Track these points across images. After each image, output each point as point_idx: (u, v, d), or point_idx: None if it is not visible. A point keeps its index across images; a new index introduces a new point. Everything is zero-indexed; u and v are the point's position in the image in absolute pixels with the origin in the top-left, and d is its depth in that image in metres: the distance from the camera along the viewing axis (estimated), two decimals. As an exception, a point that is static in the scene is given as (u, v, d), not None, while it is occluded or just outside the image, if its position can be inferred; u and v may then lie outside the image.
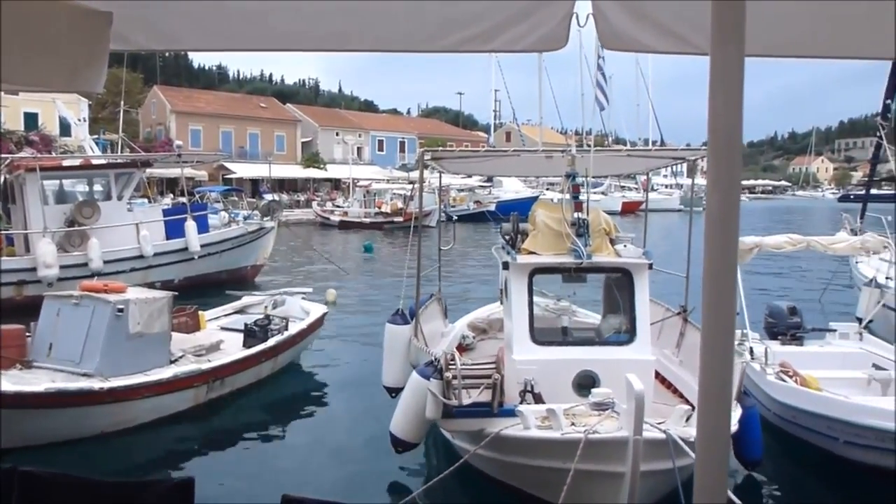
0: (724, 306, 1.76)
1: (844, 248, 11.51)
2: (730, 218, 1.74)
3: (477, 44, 2.64)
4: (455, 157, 9.85)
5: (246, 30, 2.69)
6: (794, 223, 54.71)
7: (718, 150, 1.73)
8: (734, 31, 1.71)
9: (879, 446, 7.33)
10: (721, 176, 1.73)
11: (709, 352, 1.76)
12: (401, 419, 7.13)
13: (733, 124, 1.72)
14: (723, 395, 1.76)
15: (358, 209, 50.17)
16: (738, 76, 1.72)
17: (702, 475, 1.79)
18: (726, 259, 1.76)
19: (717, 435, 1.81)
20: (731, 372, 1.78)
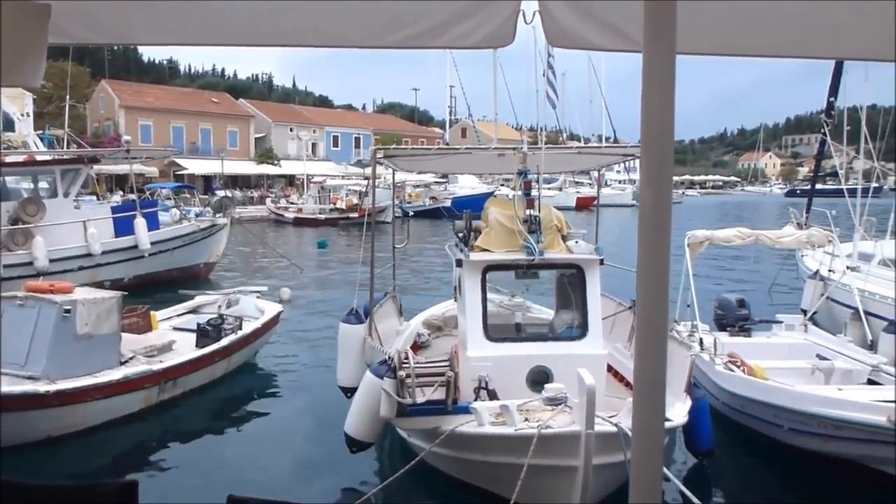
0: (657, 300, 1.79)
1: (791, 241, 11.84)
2: (662, 213, 1.77)
3: (424, 40, 2.65)
4: (408, 155, 9.86)
5: (190, 24, 2.65)
6: (744, 217, 55.84)
7: (651, 147, 1.76)
8: (666, 30, 1.74)
9: (821, 433, 7.56)
10: (654, 172, 1.76)
11: (643, 344, 1.80)
12: (355, 419, 7.10)
13: (666, 122, 1.75)
14: (656, 385, 1.79)
15: (312, 205, 49.74)
16: (670, 74, 1.75)
17: (638, 466, 1.82)
18: (659, 254, 1.79)
19: (652, 426, 1.84)
20: (664, 364, 1.82)
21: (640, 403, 1.84)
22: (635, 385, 1.83)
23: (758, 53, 3.20)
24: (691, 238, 11.07)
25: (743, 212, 65.98)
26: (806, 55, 3.27)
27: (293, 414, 10.30)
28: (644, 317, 1.79)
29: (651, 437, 1.86)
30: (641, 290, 1.77)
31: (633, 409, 1.85)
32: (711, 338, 9.75)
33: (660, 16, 1.74)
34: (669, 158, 1.77)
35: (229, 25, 2.67)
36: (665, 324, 1.83)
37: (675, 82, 1.77)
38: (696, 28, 2.99)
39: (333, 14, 2.65)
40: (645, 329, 1.79)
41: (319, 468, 8.17)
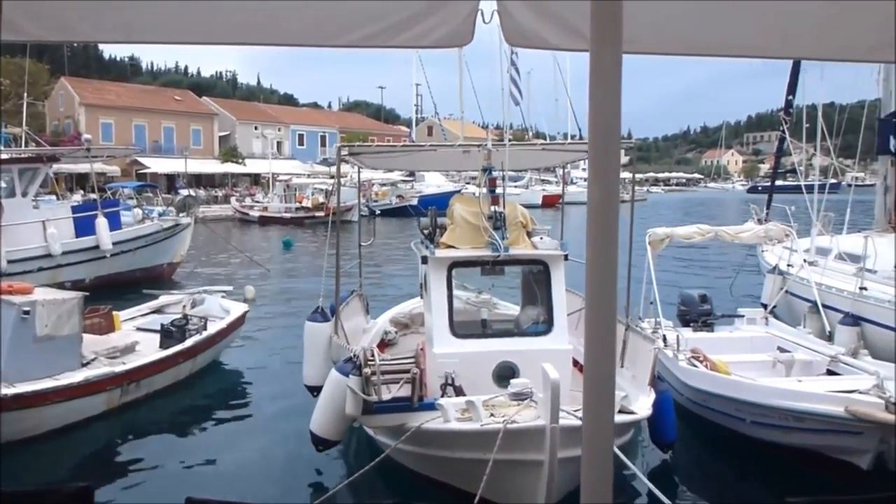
0: (605, 295, 1.82)
1: (750, 237, 12.05)
2: (609, 209, 1.80)
3: (382, 40, 2.64)
4: (373, 153, 9.84)
5: (143, 21, 2.60)
6: (707, 214, 56.72)
7: (598, 144, 1.79)
8: (612, 30, 1.77)
9: (782, 425, 7.72)
10: (600, 169, 1.79)
11: (592, 339, 1.82)
12: (320, 417, 7.07)
13: (612, 119, 1.78)
14: (606, 380, 1.82)
15: (278, 204, 49.37)
16: (616, 74, 1.78)
17: (588, 460, 1.85)
18: (607, 249, 1.82)
19: (602, 420, 1.87)
20: (613, 359, 1.84)
21: (590, 398, 1.87)
22: (585, 380, 1.85)
23: (714, 53, 3.26)
24: (652, 235, 11.22)
25: (706, 208, 66.94)
26: (762, 56, 3.34)
27: (259, 414, 10.22)
28: (592, 312, 1.81)
29: (601, 431, 1.88)
30: (590, 286, 1.80)
31: (584, 403, 1.87)
32: (675, 333, 9.88)
33: (606, 15, 1.77)
34: (616, 155, 1.80)
35: (183, 23, 2.63)
36: (613, 318, 1.85)
37: (622, 81, 1.80)
38: (652, 28, 3.04)
39: (289, 13, 2.64)
40: (594, 323, 1.82)
41: (285, 467, 8.12)
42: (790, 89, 16.92)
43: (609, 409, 1.87)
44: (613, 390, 1.86)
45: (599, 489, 1.88)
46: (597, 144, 1.79)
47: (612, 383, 1.85)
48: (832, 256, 12.74)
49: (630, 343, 8.43)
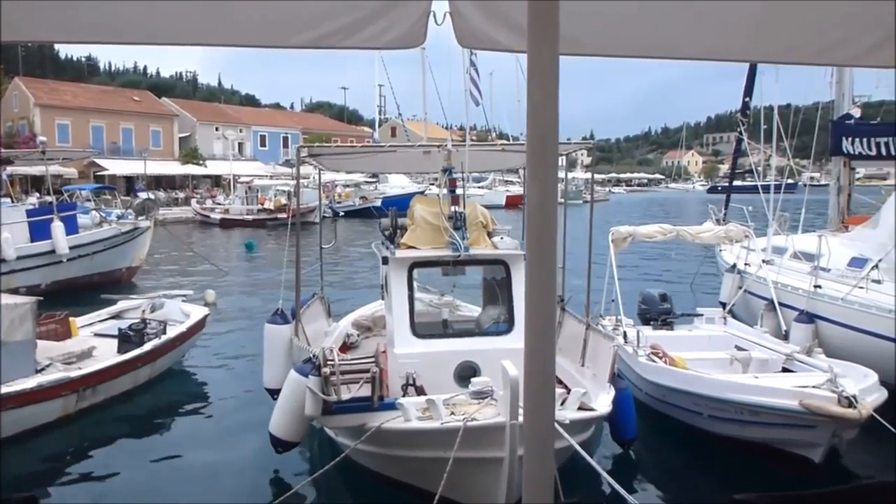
0: (544, 294, 1.82)
1: (709, 237, 12.24)
2: (548, 209, 1.81)
3: (333, 41, 2.63)
4: (333, 154, 9.80)
5: (90, 21, 2.55)
6: (669, 213, 57.55)
7: (536, 144, 1.79)
8: (549, 30, 1.77)
9: (738, 419, 7.85)
10: (539, 168, 1.80)
11: (531, 336, 1.81)
12: (280, 418, 7.01)
13: (550, 120, 1.78)
14: (546, 378, 1.82)
15: (240, 206, 48.80)
16: (554, 74, 1.78)
17: (529, 459, 1.85)
18: (546, 248, 1.82)
19: (542, 418, 1.87)
20: (553, 355, 1.84)
21: (530, 396, 1.87)
22: (525, 379, 1.85)
23: (666, 56, 3.30)
24: (615, 234, 11.34)
25: (667, 208, 67.88)
26: (712, 58, 3.39)
27: (219, 417, 10.09)
28: (532, 310, 1.81)
29: (542, 427, 1.89)
30: (529, 284, 1.80)
31: (524, 402, 1.87)
32: (635, 331, 9.99)
33: (543, 16, 1.77)
34: (554, 155, 1.80)
35: (129, 23, 2.58)
36: (553, 316, 1.86)
37: (559, 81, 1.81)
38: (602, 30, 3.06)
39: (239, 13, 2.60)
40: (533, 322, 1.82)
41: (245, 470, 8.03)
42: (747, 91, 17.24)
43: (549, 406, 1.87)
44: (554, 388, 1.87)
45: (541, 487, 1.88)
46: (535, 145, 1.79)
47: (553, 381, 1.86)
48: (788, 255, 13.00)
49: (591, 342, 8.50)
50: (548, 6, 1.77)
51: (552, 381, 1.85)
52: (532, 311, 1.81)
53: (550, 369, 1.83)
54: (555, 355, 1.84)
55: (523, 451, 5.28)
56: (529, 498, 1.86)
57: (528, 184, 1.80)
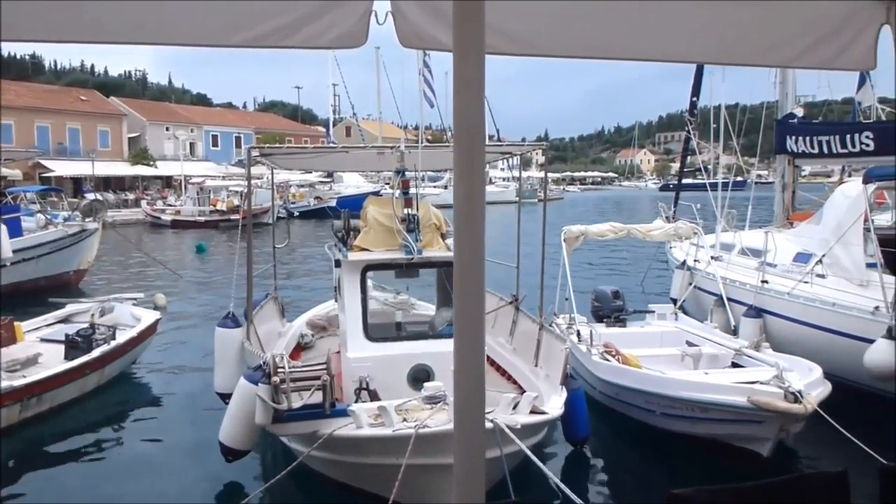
0: (473, 293, 1.80)
1: (659, 234, 12.44)
2: (476, 208, 1.79)
3: (273, 40, 2.59)
4: (285, 154, 9.68)
5: (21, 18, 2.46)
6: (622, 211, 58.35)
7: (463, 143, 1.78)
8: (475, 31, 1.75)
9: (690, 416, 7.97)
10: (466, 168, 1.78)
11: (461, 336, 1.79)
12: (229, 427, 6.88)
13: (476, 119, 1.77)
14: (475, 379, 1.80)
15: (191, 207, 48.01)
16: (480, 74, 1.77)
17: (459, 463, 1.83)
18: (474, 247, 1.81)
19: (472, 421, 1.85)
20: (483, 352, 1.83)
21: (460, 401, 1.85)
22: (455, 383, 1.83)
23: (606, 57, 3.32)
24: (567, 233, 11.44)
25: (621, 206, 68.81)
26: (659, 59, 3.42)
27: (170, 424, 9.88)
28: (461, 312, 1.79)
29: (471, 431, 1.87)
30: (458, 286, 1.78)
31: (454, 407, 1.85)
32: (588, 329, 10.08)
33: (468, 16, 1.75)
34: (481, 154, 1.79)
35: (67, 20, 2.50)
36: (481, 315, 1.84)
37: (485, 81, 1.79)
38: (550, 30, 3.07)
39: (179, 11, 2.54)
40: (462, 325, 1.80)
41: (197, 478, 7.87)
42: (694, 91, 17.53)
43: (479, 411, 1.85)
44: (483, 392, 1.85)
45: (471, 492, 1.86)
46: (462, 144, 1.78)
47: (482, 384, 1.84)
48: (736, 252, 13.26)
49: (544, 342, 8.54)
50: (473, 7, 1.75)
51: (481, 383, 1.83)
52: (461, 313, 1.79)
53: (479, 371, 1.81)
54: (484, 360, 1.82)
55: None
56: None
57: (455, 184, 1.78)
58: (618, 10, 3.00)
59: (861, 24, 3.29)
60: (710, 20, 3.13)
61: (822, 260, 10.71)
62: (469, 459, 1.84)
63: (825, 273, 10.64)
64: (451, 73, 1.91)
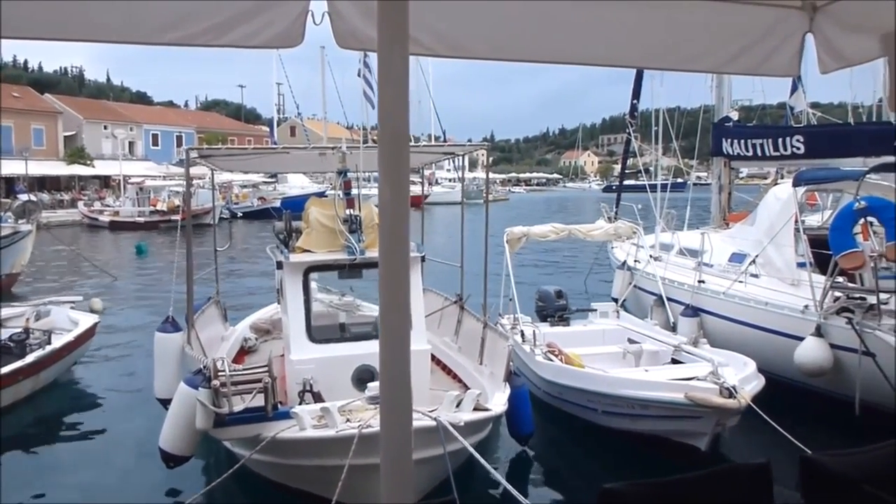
0: (397, 295, 1.82)
1: (600, 234, 12.66)
2: (400, 210, 1.81)
3: (207, 39, 2.57)
4: (225, 155, 9.56)
5: None
6: (566, 212, 59.09)
7: (387, 144, 1.79)
8: (399, 31, 1.77)
9: (630, 413, 8.14)
10: (391, 169, 1.80)
11: (386, 334, 1.81)
12: (169, 432, 6.75)
13: (400, 120, 1.79)
14: (401, 380, 1.82)
15: (130, 208, 46.92)
16: (404, 75, 1.79)
17: (386, 462, 1.85)
18: (398, 249, 1.83)
19: (400, 423, 1.87)
20: (408, 353, 1.84)
21: (387, 401, 1.87)
22: (381, 383, 1.85)
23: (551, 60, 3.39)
24: (510, 234, 11.57)
25: (565, 207, 69.67)
26: (593, 63, 3.50)
27: (108, 432, 9.64)
28: (386, 311, 1.80)
29: (399, 433, 1.89)
30: (383, 287, 1.80)
31: (381, 407, 1.88)
32: (532, 329, 10.20)
33: (392, 16, 1.77)
34: (406, 156, 1.81)
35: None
36: (407, 314, 1.86)
37: (409, 82, 1.81)
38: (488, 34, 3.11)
39: (110, 8, 2.51)
40: (387, 324, 1.81)
41: (137, 485, 7.70)
42: (634, 94, 17.87)
43: (406, 411, 1.87)
44: (409, 391, 1.87)
45: (399, 493, 1.89)
46: (386, 145, 1.79)
47: (408, 383, 1.86)
48: (674, 252, 13.57)
49: (488, 340, 8.62)
50: (397, 6, 1.77)
51: (407, 382, 1.85)
52: (386, 313, 1.80)
53: (405, 370, 1.84)
54: (409, 358, 1.84)
55: (419, 455, 5.29)
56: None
57: (380, 185, 1.79)
58: (553, 15, 3.06)
59: (785, 32, 3.43)
60: (643, 26, 3.23)
61: (756, 260, 11.04)
62: (397, 459, 1.86)
63: (759, 273, 10.97)
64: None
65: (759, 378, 8.27)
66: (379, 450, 5.53)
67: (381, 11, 1.76)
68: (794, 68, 3.56)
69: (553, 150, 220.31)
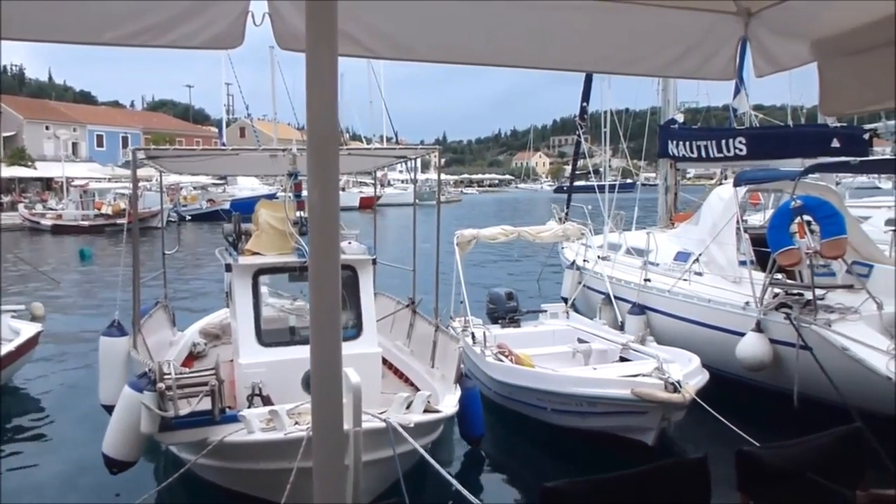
0: (329, 299, 1.84)
1: (549, 236, 12.81)
2: (330, 212, 1.83)
3: (145, 39, 2.55)
4: (172, 156, 9.42)
5: None
6: (518, 213, 59.49)
7: (316, 146, 1.80)
8: (327, 31, 1.78)
9: (579, 410, 8.27)
10: (320, 171, 1.80)
11: (317, 338, 1.82)
12: (113, 437, 6.62)
13: (329, 122, 1.79)
14: (332, 384, 1.84)
15: (74, 211, 45.67)
16: (333, 76, 1.79)
17: (319, 465, 1.86)
18: (329, 251, 1.84)
19: (331, 429, 1.89)
20: (339, 355, 1.85)
21: (318, 408, 1.88)
22: (312, 389, 1.87)
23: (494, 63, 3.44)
24: (459, 237, 11.64)
25: (517, 208, 70.13)
26: (536, 66, 3.56)
27: (53, 440, 9.41)
28: (318, 314, 1.82)
29: (331, 438, 1.90)
30: (314, 289, 1.81)
31: (312, 413, 1.89)
32: (482, 331, 10.27)
33: (320, 17, 1.78)
34: (335, 158, 1.81)
35: None
36: (337, 317, 1.87)
37: (339, 83, 1.82)
38: (436, 37, 3.15)
39: (46, 6, 2.47)
40: (318, 327, 1.82)
41: (80, 494, 7.54)
42: (584, 96, 18.14)
43: (337, 416, 1.89)
44: (340, 396, 1.89)
45: (332, 496, 1.91)
46: (315, 147, 1.80)
47: (339, 389, 1.88)
48: (622, 252, 13.81)
49: (439, 343, 8.66)
50: (325, 6, 1.78)
51: (338, 388, 1.87)
52: (316, 316, 1.81)
53: (336, 374, 1.85)
54: (341, 361, 1.86)
55: (368, 457, 5.29)
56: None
57: (309, 187, 1.80)
58: (498, 18, 3.11)
59: (722, 37, 3.54)
60: (587, 30, 3.29)
61: (699, 259, 11.32)
62: (328, 464, 1.88)
63: (702, 271, 11.24)
64: (348, 74, 1.92)
65: (703, 373, 8.49)
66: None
67: (310, 11, 1.77)
68: (731, 72, 3.67)
69: (505, 152, 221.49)
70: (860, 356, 8.28)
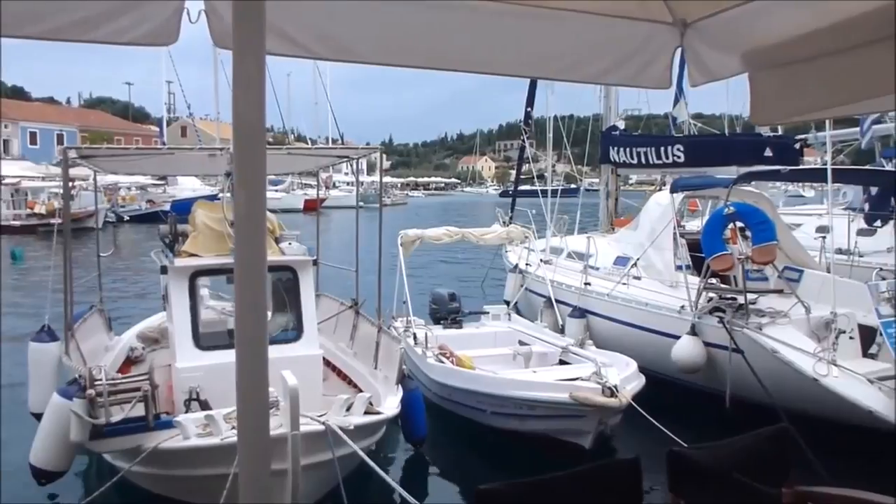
0: (254, 303, 1.83)
1: (492, 238, 12.91)
2: (257, 214, 1.81)
3: (74, 33, 2.48)
4: (106, 155, 9.17)
5: None
6: (464, 216, 59.58)
7: (243, 146, 1.78)
8: (255, 31, 1.77)
9: (518, 413, 8.34)
10: (247, 172, 1.79)
11: (242, 340, 1.81)
12: (41, 447, 6.38)
13: (256, 121, 1.78)
14: (258, 387, 1.83)
15: (5, 210, 44.06)
16: (260, 78, 1.78)
17: (244, 470, 1.85)
18: (255, 251, 1.83)
19: (257, 433, 1.88)
20: (266, 361, 1.84)
21: (243, 413, 1.87)
22: (238, 395, 1.85)
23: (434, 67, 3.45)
24: (404, 237, 11.64)
25: (463, 211, 70.32)
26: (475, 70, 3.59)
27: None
28: (242, 319, 1.80)
29: (256, 442, 1.89)
30: (239, 292, 1.80)
31: (237, 418, 1.88)
32: (424, 331, 10.29)
33: (247, 19, 1.77)
34: (262, 158, 1.80)
35: None
36: (264, 318, 1.86)
37: (266, 83, 1.81)
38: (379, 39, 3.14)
39: None
40: (243, 331, 1.81)
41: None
42: (529, 102, 18.34)
43: (263, 423, 1.88)
44: (267, 404, 1.88)
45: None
46: (242, 147, 1.78)
47: (265, 395, 1.87)
48: (564, 255, 13.99)
49: (382, 344, 8.63)
50: (252, 6, 1.76)
51: (265, 394, 1.86)
52: (242, 317, 1.80)
53: (263, 380, 1.84)
54: (267, 364, 1.85)
55: (307, 461, 5.23)
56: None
57: (236, 189, 1.78)
58: (441, 22, 3.12)
59: (658, 46, 3.61)
60: (526, 37, 3.33)
61: (638, 263, 11.55)
62: (254, 468, 1.86)
63: (641, 275, 11.47)
64: (294, 74, 1.89)
65: (640, 378, 8.65)
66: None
67: (237, 10, 1.75)
68: (667, 81, 3.75)
69: (451, 155, 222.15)
70: (789, 358, 8.55)
